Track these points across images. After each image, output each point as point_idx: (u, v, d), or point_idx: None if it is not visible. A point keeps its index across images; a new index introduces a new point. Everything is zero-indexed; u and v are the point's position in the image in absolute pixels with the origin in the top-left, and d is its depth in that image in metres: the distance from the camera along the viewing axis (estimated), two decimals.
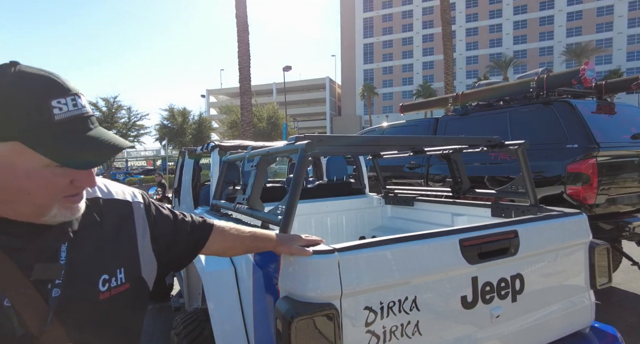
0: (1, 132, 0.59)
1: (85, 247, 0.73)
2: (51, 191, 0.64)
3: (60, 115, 0.62)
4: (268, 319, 1.37)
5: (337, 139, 1.55)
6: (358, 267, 1.16)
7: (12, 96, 0.59)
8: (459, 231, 1.37)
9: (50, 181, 0.63)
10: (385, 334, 1.19)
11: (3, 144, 0.60)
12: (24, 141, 0.59)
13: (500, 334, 1.41)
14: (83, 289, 0.71)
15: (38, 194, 0.63)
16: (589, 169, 3.18)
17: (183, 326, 1.82)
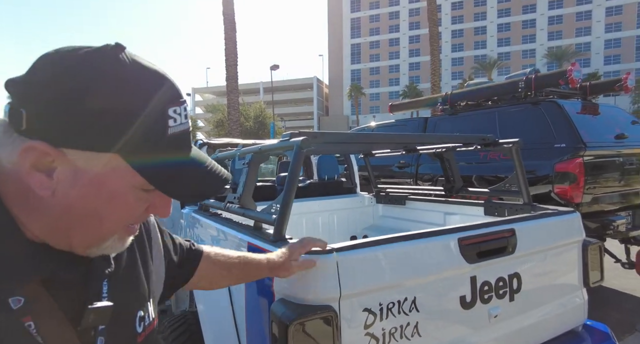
0: (106, 140, 0.45)
1: (123, 280, 0.59)
2: (124, 218, 0.52)
3: (173, 128, 0.48)
4: (262, 323, 1.31)
5: (332, 136, 1.51)
6: (357, 267, 1.12)
7: (131, 96, 0.45)
8: (457, 229, 1.35)
9: (130, 206, 0.51)
10: (385, 337, 1.15)
11: (100, 156, 0.46)
12: (125, 155, 0.46)
13: (498, 334, 1.40)
14: (125, 334, 0.58)
15: (109, 221, 0.50)
16: (576, 168, 3.23)
17: (170, 330, 1.75)
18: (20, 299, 0.45)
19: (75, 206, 0.47)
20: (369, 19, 64.46)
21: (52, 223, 0.48)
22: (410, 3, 60.88)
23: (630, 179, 3.60)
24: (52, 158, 0.44)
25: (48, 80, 0.43)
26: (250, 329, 1.36)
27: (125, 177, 0.48)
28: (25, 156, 0.44)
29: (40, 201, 0.46)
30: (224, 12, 14.20)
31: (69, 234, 0.50)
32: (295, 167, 1.33)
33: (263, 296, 1.25)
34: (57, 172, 0.45)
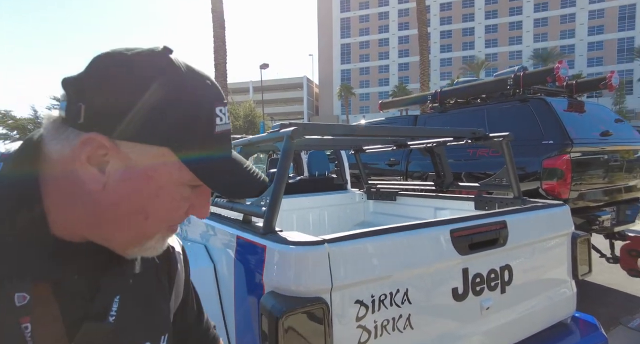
0: (156, 132, 0.45)
1: (137, 302, 0.54)
2: (168, 216, 0.51)
3: (220, 126, 0.50)
4: (251, 319, 1.28)
5: (322, 127, 1.49)
6: (349, 259, 1.10)
7: (185, 88, 0.47)
8: (449, 221, 1.34)
9: (176, 203, 0.50)
10: (377, 329, 1.13)
11: (150, 148, 0.46)
12: (175, 149, 0.47)
13: (489, 326, 1.39)
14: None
15: (154, 219, 0.49)
16: (563, 164, 3.27)
17: None
18: (25, 296, 0.43)
19: (123, 201, 0.47)
20: (358, 19, 64.65)
21: (95, 219, 0.47)
22: (399, 3, 61.26)
23: (614, 175, 3.67)
24: (106, 152, 0.45)
25: (107, 76, 0.45)
26: (239, 322, 1.33)
27: (173, 172, 0.48)
28: (82, 148, 0.44)
29: (88, 196, 0.46)
30: (213, 10, 14.04)
31: (111, 232, 0.49)
32: (285, 158, 1.31)
33: (252, 288, 1.22)
34: (109, 167, 0.46)
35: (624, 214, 3.70)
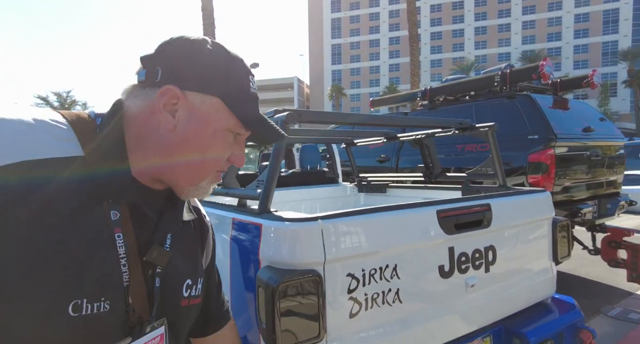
0: (210, 84, 0.61)
1: (182, 244, 0.69)
2: (220, 156, 0.65)
3: (252, 89, 0.67)
4: (246, 299, 1.33)
5: (316, 115, 1.54)
6: (341, 234, 1.15)
7: (229, 59, 0.64)
8: (436, 202, 1.41)
9: (225, 145, 0.65)
10: (367, 302, 1.19)
11: (205, 97, 0.61)
12: (226, 99, 0.62)
13: (474, 303, 1.46)
14: (174, 287, 0.66)
15: (210, 156, 0.64)
16: (547, 159, 3.38)
17: None
18: (117, 213, 0.58)
19: (188, 139, 0.61)
20: (349, 19, 64.90)
21: (167, 156, 0.62)
22: (390, 4, 61.70)
23: (595, 170, 3.80)
24: (177, 100, 0.60)
25: (177, 48, 0.61)
26: (235, 302, 1.37)
27: (224, 118, 0.63)
28: (160, 98, 0.60)
29: (162, 137, 0.61)
30: (203, 7, 13.98)
31: (178, 168, 0.63)
32: (279, 144, 1.36)
33: (248, 265, 1.27)
34: (178, 113, 0.61)
35: (605, 207, 3.84)
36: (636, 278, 3.50)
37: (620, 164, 4.22)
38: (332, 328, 1.13)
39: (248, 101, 0.65)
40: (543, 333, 1.56)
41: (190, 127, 0.61)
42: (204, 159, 0.63)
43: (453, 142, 3.98)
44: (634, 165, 10.76)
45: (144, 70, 0.61)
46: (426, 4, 59.52)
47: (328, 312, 1.11)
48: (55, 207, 0.51)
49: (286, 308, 1.04)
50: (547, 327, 1.61)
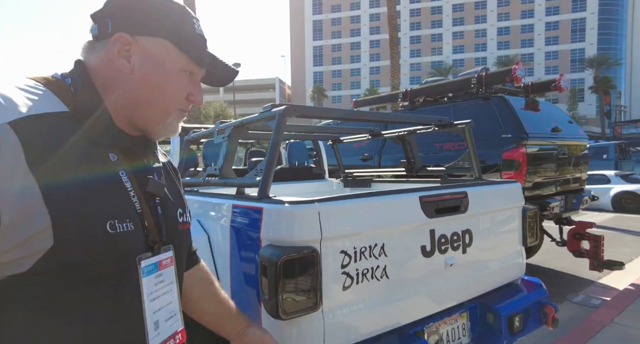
0: (156, 27, 0.67)
1: (167, 179, 0.78)
2: (178, 95, 0.72)
3: (198, 30, 0.72)
4: (245, 280, 1.43)
5: (310, 110, 1.66)
6: (336, 216, 1.28)
7: (172, 4, 0.70)
8: (419, 189, 1.55)
9: (181, 85, 0.71)
10: (358, 276, 1.32)
11: (154, 40, 0.68)
12: (173, 40, 0.68)
13: (453, 281, 1.62)
14: (171, 214, 0.75)
15: (169, 96, 0.70)
16: (520, 156, 3.62)
17: None
18: (115, 156, 0.67)
19: (146, 80, 0.68)
20: (330, 22, 65.36)
21: (133, 98, 0.69)
22: (370, 8, 62.56)
23: (563, 168, 4.09)
24: (130, 46, 0.67)
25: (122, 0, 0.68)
26: (234, 281, 1.47)
27: (175, 58, 0.70)
28: (113, 45, 0.66)
29: (124, 82, 0.68)
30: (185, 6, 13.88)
31: (144, 107, 0.70)
32: (277, 134, 1.47)
33: (250, 246, 1.37)
34: (133, 57, 0.68)
35: (571, 202, 4.13)
36: (597, 267, 3.79)
37: (585, 162, 4.54)
38: (328, 299, 1.25)
39: (195, 41, 0.71)
40: (513, 308, 1.73)
41: (146, 69, 0.68)
42: (164, 98, 0.70)
43: (432, 141, 4.18)
44: (599, 165, 11.44)
45: (95, 25, 0.67)
46: (406, 8, 60.70)
47: (324, 285, 1.23)
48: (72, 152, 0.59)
49: (287, 281, 1.15)
50: (517, 303, 1.78)
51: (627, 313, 3.14)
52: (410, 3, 61.18)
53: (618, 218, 8.28)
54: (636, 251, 5.34)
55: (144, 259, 0.65)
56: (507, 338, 1.68)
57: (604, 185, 9.44)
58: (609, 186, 9.40)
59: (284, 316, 1.15)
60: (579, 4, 54.08)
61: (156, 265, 0.68)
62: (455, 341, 1.63)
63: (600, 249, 3.77)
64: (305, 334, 1.22)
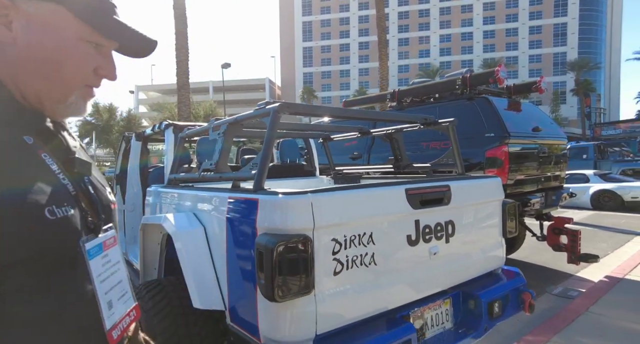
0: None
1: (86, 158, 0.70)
2: (81, 69, 0.63)
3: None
4: (242, 267, 1.50)
5: (303, 107, 1.75)
6: (327, 206, 1.37)
7: None
8: (405, 182, 1.66)
9: (84, 57, 0.62)
10: (348, 262, 1.41)
11: (41, 4, 0.58)
12: (67, 5, 0.59)
13: (437, 269, 1.72)
14: (103, 193, 0.70)
15: (68, 69, 0.61)
16: (502, 154, 3.78)
17: (149, 296, 1.81)
18: (30, 138, 0.59)
19: (33, 51, 0.59)
20: (320, 23, 65.57)
21: (22, 73, 0.59)
22: (360, 10, 63.00)
23: (543, 165, 4.26)
24: (8, 11, 0.57)
25: None
26: (231, 269, 1.55)
27: (72, 26, 0.60)
28: None
29: (8, 54, 0.58)
30: (175, 6, 13.80)
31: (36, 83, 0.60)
32: (272, 130, 1.55)
33: (246, 236, 1.45)
34: (14, 24, 0.58)
35: (551, 198, 4.31)
36: (574, 260, 3.97)
37: (564, 161, 4.73)
38: (320, 283, 1.34)
39: (98, 8, 0.61)
40: (493, 295, 1.85)
41: (33, 38, 0.58)
42: (62, 71, 0.61)
43: (419, 140, 4.31)
44: (579, 165, 11.81)
45: None
46: (394, 11, 61.28)
47: (316, 270, 1.32)
48: None
49: (282, 266, 1.24)
50: (496, 290, 1.90)
51: (600, 302, 3.31)
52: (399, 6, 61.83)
53: (596, 216, 8.58)
54: (612, 246, 5.58)
55: (88, 242, 0.61)
56: (487, 323, 1.79)
57: (584, 184, 9.76)
58: (588, 184, 9.73)
59: (279, 299, 1.23)
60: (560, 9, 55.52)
61: (100, 246, 0.65)
62: (439, 325, 1.74)
63: (578, 243, 3.95)
64: (299, 316, 1.30)
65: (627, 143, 14.96)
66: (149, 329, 1.71)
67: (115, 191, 4.04)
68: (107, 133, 29.86)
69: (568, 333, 2.76)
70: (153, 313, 1.75)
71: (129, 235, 3.45)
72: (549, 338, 2.67)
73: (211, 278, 1.63)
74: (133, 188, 3.46)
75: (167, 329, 1.68)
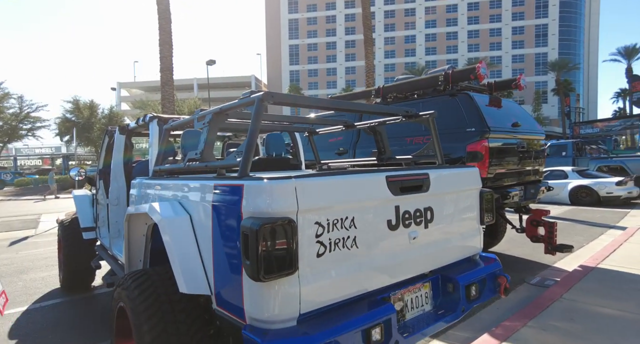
0: None
1: None
2: None
3: None
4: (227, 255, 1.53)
5: (287, 97, 1.79)
6: (311, 190, 1.41)
7: None
8: (385, 170, 1.72)
9: None
10: (331, 245, 1.46)
11: None
12: None
13: (416, 253, 1.79)
14: None
15: None
16: (483, 149, 3.89)
17: (135, 285, 1.81)
18: None
19: None
20: (306, 21, 65.43)
21: None
22: (346, 8, 63.14)
23: (522, 160, 4.41)
24: None
25: None
26: (217, 254, 1.58)
27: None
28: None
29: None
30: (158, 2, 13.61)
31: None
32: (256, 118, 1.59)
33: (231, 221, 1.48)
34: None
35: (529, 192, 4.46)
36: (551, 250, 4.13)
37: (542, 156, 4.90)
38: (303, 264, 1.39)
39: None
40: (470, 278, 1.94)
41: None
42: None
43: (403, 135, 4.40)
44: (559, 162, 12.19)
45: None
46: (380, 10, 61.65)
47: (300, 251, 1.37)
48: None
49: (266, 247, 1.28)
50: (474, 274, 1.98)
51: (574, 290, 3.47)
52: (385, 4, 62.23)
53: (574, 210, 8.88)
54: (587, 238, 5.81)
55: None
56: (465, 305, 1.87)
57: (563, 180, 10.08)
58: (566, 181, 10.05)
59: (264, 279, 1.27)
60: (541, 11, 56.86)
61: None
62: (418, 308, 1.81)
63: (554, 234, 4.11)
64: (283, 296, 1.35)
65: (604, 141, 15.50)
66: (135, 317, 1.72)
67: (98, 186, 4.00)
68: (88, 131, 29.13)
69: (542, 318, 2.89)
70: (139, 301, 1.76)
71: (113, 229, 3.42)
72: (524, 323, 2.79)
73: (197, 263, 1.66)
74: (117, 182, 3.43)
75: (154, 317, 1.70)
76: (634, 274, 3.88)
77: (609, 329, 2.67)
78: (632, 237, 5.56)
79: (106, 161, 3.86)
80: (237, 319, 1.46)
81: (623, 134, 20.46)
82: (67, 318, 3.40)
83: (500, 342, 2.51)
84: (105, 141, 3.97)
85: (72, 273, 3.99)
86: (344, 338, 1.35)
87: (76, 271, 3.99)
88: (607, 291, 3.41)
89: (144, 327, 1.65)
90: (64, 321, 3.33)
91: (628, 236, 5.56)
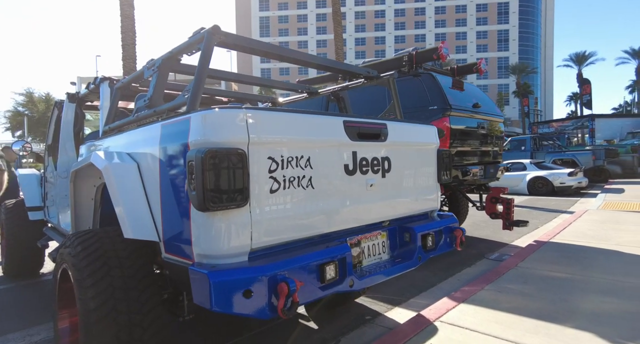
0: None
1: None
2: None
3: None
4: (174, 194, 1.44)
5: (239, 39, 1.72)
6: (263, 123, 1.36)
7: None
8: (344, 115, 1.69)
9: None
10: (285, 182, 1.42)
11: None
12: None
13: (373, 200, 1.78)
14: None
15: None
16: (444, 127, 3.98)
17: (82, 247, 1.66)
18: None
19: None
20: (277, 19, 65.07)
21: None
22: (317, 8, 63.36)
23: (482, 140, 4.56)
24: None
25: None
26: (164, 199, 1.49)
27: None
28: None
29: None
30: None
31: None
32: (206, 55, 1.51)
33: (179, 155, 1.39)
34: None
35: (489, 171, 4.62)
36: (509, 226, 4.30)
37: (501, 139, 5.09)
38: (255, 199, 1.33)
39: None
40: (426, 228, 1.95)
41: None
42: None
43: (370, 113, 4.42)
44: (519, 156, 12.81)
45: None
46: (351, 11, 62.38)
47: (252, 185, 1.31)
48: None
49: (212, 174, 1.21)
50: (430, 226, 2.00)
51: (528, 259, 3.62)
52: (355, 5, 63.04)
53: (531, 199, 9.34)
54: (542, 221, 6.13)
55: None
56: (421, 254, 1.88)
57: (522, 172, 10.58)
58: (525, 172, 10.55)
59: (211, 207, 1.20)
60: (503, 17, 59.73)
61: None
62: (375, 255, 1.80)
63: (511, 210, 4.27)
64: (233, 229, 1.28)
65: (558, 138, 16.49)
66: (78, 273, 1.58)
67: (47, 163, 3.73)
68: (43, 126, 27.41)
69: (499, 282, 2.98)
70: (82, 255, 1.62)
71: (62, 204, 3.20)
72: (482, 288, 2.86)
73: (145, 210, 1.56)
74: (67, 154, 3.21)
75: (98, 272, 1.58)
76: (581, 246, 4.12)
77: (558, 288, 2.80)
78: (580, 217, 5.92)
79: (55, 135, 3.60)
80: (185, 260, 1.38)
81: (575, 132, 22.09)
82: (8, 303, 3.15)
83: (458, 303, 2.56)
84: (55, 114, 3.70)
85: (17, 259, 3.70)
86: (296, 271, 1.30)
87: (22, 257, 3.70)
88: (557, 259, 3.58)
89: (86, 281, 1.52)
90: (4, 306, 3.08)
91: (577, 217, 5.91)
